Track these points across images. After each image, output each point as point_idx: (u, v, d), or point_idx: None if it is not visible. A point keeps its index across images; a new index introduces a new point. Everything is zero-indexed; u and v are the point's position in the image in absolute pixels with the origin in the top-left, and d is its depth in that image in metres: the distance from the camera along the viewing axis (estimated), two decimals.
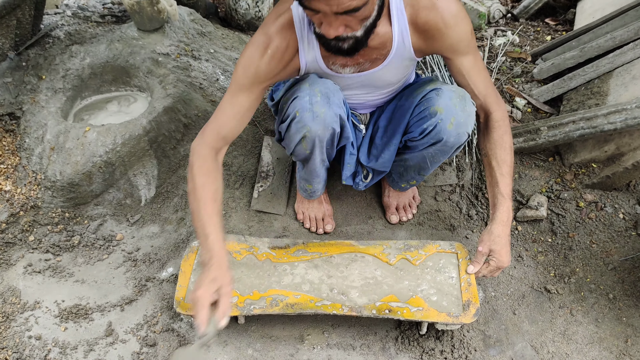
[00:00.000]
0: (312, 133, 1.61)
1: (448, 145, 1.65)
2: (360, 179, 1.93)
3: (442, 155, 1.72)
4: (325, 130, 1.61)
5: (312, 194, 2.02)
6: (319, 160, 1.77)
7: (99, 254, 2.01)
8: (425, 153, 1.73)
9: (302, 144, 1.67)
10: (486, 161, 1.71)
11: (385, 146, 1.79)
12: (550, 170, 2.15)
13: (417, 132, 1.66)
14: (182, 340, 1.78)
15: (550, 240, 2.02)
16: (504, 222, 1.64)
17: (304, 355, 1.76)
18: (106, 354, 1.75)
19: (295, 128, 1.62)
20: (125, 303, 1.87)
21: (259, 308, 1.69)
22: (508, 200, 1.66)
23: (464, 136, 1.63)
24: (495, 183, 1.67)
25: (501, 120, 1.67)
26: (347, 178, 1.91)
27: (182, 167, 2.19)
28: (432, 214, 2.12)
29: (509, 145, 1.67)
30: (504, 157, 1.66)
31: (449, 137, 1.61)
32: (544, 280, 1.94)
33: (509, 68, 2.57)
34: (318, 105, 1.58)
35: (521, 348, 1.78)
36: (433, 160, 1.76)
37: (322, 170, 1.87)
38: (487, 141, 1.69)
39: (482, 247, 1.67)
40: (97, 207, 2.10)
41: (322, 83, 1.59)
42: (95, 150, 2.00)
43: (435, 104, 1.59)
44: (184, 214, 2.12)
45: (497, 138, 1.66)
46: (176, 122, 2.16)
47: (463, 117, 1.58)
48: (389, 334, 1.81)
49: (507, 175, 1.66)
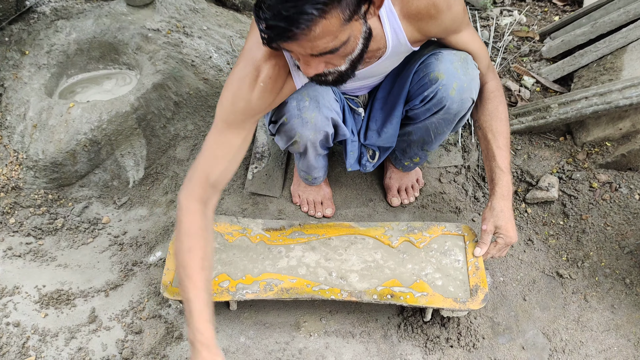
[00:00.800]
0: (303, 138, 1.54)
1: (451, 113, 1.54)
2: (367, 160, 1.82)
3: (447, 125, 1.60)
4: (317, 134, 1.54)
5: (314, 181, 1.92)
6: (313, 156, 1.69)
7: (84, 238, 1.89)
8: (428, 123, 1.62)
9: (294, 146, 1.60)
10: (481, 134, 1.63)
11: (387, 119, 1.68)
12: (561, 150, 2.03)
13: (417, 100, 1.55)
14: (169, 327, 1.67)
15: (562, 223, 1.90)
16: (504, 196, 1.57)
17: (300, 343, 1.65)
18: (89, 342, 1.63)
19: (285, 133, 1.54)
20: (110, 288, 1.76)
21: (251, 293, 1.58)
22: (507, 173, 1.58)
23: (468, 102, 1.51)
24: (492, 156, 1.58)
25: (496, 90, 1.60)
26: (353, 165, 1.80)
27: (173, 147, 2.08)
28: (437, 197, 2.01)
29: (505, 117, 1.59)
30: (499, 128, 1.58)
31: (452, 104, 1.50)
32: (556, 264, 1.82)
33: (515, 47, 2.45)
34: (307, 111, 1.48)
35: (532, 335, 1.67)
36: (437, 132, 1.65)
37: (319, 161, 1.78)
38: (482, 113, 1.61)
39: (486, 225, 1.59)
40: (82, 188, 1.98)
41: (309, 86, 1.47)
42: (80, 128, 1.89)
43: (435, 69, 1.48)
44: (173, 196, 2.01)
45: (492, 109, 1.58)
46: (166, 99, 2.04)
47: (466, 81, 1.47)
48: (390, 320, 1.70)
49: (504, 148, 1.58)
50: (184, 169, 2.05)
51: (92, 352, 1.61)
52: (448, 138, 2.10)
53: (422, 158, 1.83)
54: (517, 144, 2.09)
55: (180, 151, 2.08)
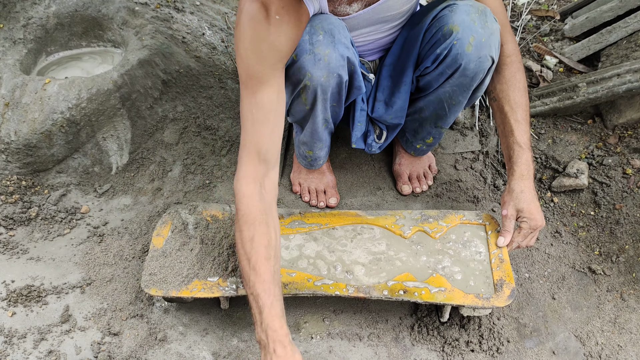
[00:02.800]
0: (313, 81, 1.30)
1: (468, 75, 1.34)
2: (373, 140, 1.62)
3: (462, 92, 1.41)
4: (330, 77, 1.31)
5: (313, 163, 1.71)
6: (321, 119, 1.46)
7: (60, 229, 1.70)
8: (441, 93, 1.43)
9: (302, 97, 1.37)
10: (496, 106, 1.45)
11: (396, 87, 1.48)
12: (590, 134, 1.84)
13: (429, 61, 1.37)
14: (152, 328, 1.47)
15: (593, 214, 1.70)
16: (524, 176, 1.39)
17: (301, 346, 1.45)
18: (60, 344, 1.44)
19: (293, 76, 1.32)
20: (87, 284, 1.56)
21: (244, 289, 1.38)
22: (527, 150, 1.40)
23: (487, 61, 1.32)
24: (509, 132, 1.41)
25: (513, 55, 1.42)
26: (358, 140, 1.60)
27: (160, 130, 1.88)
28: (452, 185, 1.81)
29: (524, 86, 1.42)
30: (518, 99, 1.40)
31: (468, 62, 1.31)
32: (587, 259, 1.62)
33: (534, 27, 2.26)
34: (320, 46, 1.27)
35: (563, 339, 1.47)
36: (452, 103, 1.46)
37: (325, 133, 1.57)
38: (497, 81, 1.43)
39: (507, 210, 1.41)
40: (59, 174, 1.79)
41: (324, 18, 1.29)
42: (56, 106, 1.70)
43: (449, 21, 1.29)
44: (161, 183, 1.81)
45: (510, 76, 1.41)
46: (153, 77, 1.85)
47: (484, 35, 1.28)
48: (402, 321, 1.50)
49: (523, 122, 1.40)
50: (173, 153, 1.86)
51: (63, 356, 1.42)
52: (464, 121, 1.91)
53: (435, 138, 1.64)
54: (540, 127, 1.89)
55: (168, 134, 1.89)
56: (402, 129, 1.69)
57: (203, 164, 1.85)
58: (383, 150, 1.87)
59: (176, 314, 1.51)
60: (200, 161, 1.85)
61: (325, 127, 1.51)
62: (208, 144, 1.88)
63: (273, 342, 1.12)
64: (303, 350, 1.44)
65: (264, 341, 1.14)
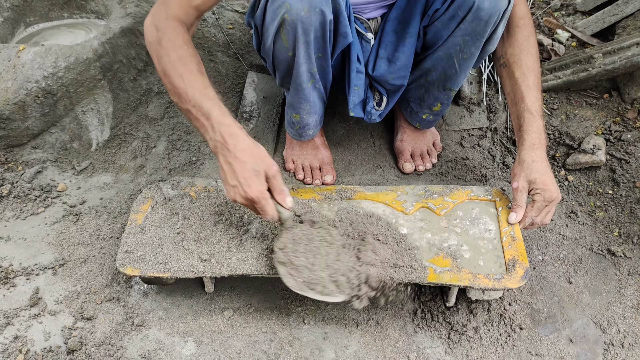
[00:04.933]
0: (292, 14, 1.16)
1: (482, 18, 1.22)
2: (373, 107, 1.49)
3: (475, 42, 1.28)
4: (312, 12, 1.16)
5: (302, 132, 1.56)
6: (305, 69, 1.31)
7: (34, 207, 1.57)
8: (451, 45, 1.30)
9: (282, 38, 1.22)
10: (506, 72, 1.34)
11: (400, 40, 1.36)
12: (607, 109, 1.71)
13: (439, 2, 1.24)
14: (129, 312, 1.34)
15: (612, 192, 1.57)
16: (536, 145, 1.27)
17: (292, 332, 1.32)
18: (28, 329, 1.30)
19: (271, 11, 1.19)
20: (59, 265, 1.43)
21: (230, 268, 1.25)
22: (538, 118, 1.28)
23: (503, 1, 1.20)
24: (520, 98, 1.29)
25: (526, 17, 1.31)
26: (355, 107, 1.47)
27: (144, 103, 1.75)
28: (458, 162, 1.68)
29: (536, 51, 1.32)
30: (530, 64, 1.30)
31: (482, 2, 1.19)
32: (606, 240, 1.49)
33: (544, 2, 2.14)
34: None
35: (582, 326, 1.33)
36: (462, 57, 1.33)
37: (312, 93, 1.41)
38: (509, 44, 1.32)
39: (517, 182, 1.27)
40: (35, 150, 1.66)
41: None
42: (31, 75, 1.57)
43: None
44: (144, 160, 1.68)
45: (522, 40, 1.31)
46: (137, 47, 1.73)
47: None
48: (404, 306, 1.37)
49: (534, 88, 1.29)
50: (157, 129, 1.73)
51: (30, 342, 1.28)
52: (471, 97, 1.78)
53: (444, 104, 1.51)
54: (552, 102, 1.76)
55: (153, 109, 1.76)
56: (406, 99, 1.56)
57: (190, 140, 1.72)
58: (383, 127, 1.75)
59: (156, 298, 1.38)
60: (186, 137, 1.73)
61: (311, 84, 1.37)
62: None
63: (231, 137, 1.08)
64: (295, 337, 1.31)
65: (221, 141, 1.08)
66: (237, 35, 1.93)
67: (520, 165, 1.28)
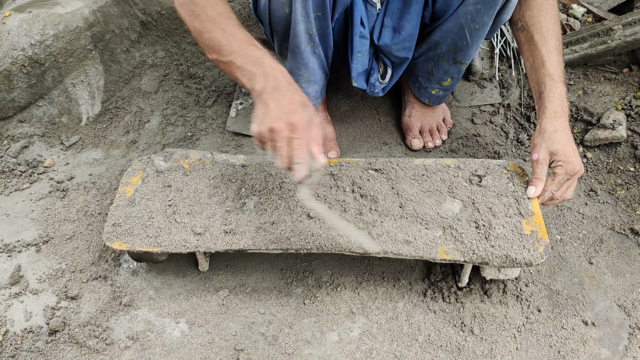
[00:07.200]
0: None
1: None
2: (377, 79, 1.40)
3: (487, 10, 1.20)
4: None
5: None
6: (302, 29, 1.21)
7: (18, 183, 1.48)
8: (462, 15, 1.22)
9: None
10: (524, 37, 1.25)
11: (406, 9, 1.26)
12: (626, 83, 1.61)
13: None
14: (116, 291, 1.25)
15: (633, 170, 1.47)
16: (558, 113, 1.17)
17: (293, 314, 1.22)
18: (8, 309, 1.21)
19: None
20: (43, 242, 1.34)
21: (225, 243, 1.16)
22: (560, 84, 1.19)
23: None
24: (540, 64, 1.20)
25: None
26: (358, 77, 1.38)
27: (137, 76, 1.66)
28: (469, 139, 1.59)
29: (557, 12, 1.23)
30: (551, 26, 1.21)
31: None
32: (628, 220, 1.39)
33: None
34: None
35: (604, 308, 1.24)
36: (474, 28, 1.24)
37: (311, 58, 1.31)
38: (527, 6, 1.23)
39: (538, 154, 1.17)
40: (21, 124, 1.57)
41: None
42: (17, 42, 1.48)
43: None
44: (136, 135, 1.59)
45: (541, 1, 1.22)
46: (131, 17, 1.64)
47: None
48: (413, 287, 1.27)
49: (555, 51, 1.20)
50: (151, 103, 1.64)
51: (10, 322, 1.19)
52: (482, 72, 1.69)
53: (454, 78, 1.42)
54: (569, 78, 1.67)
55: (146, 82, 1.67)
56: (414, 74, 1.47)
57: (185, 115, 1.63)
58: (390, 103, 1.66)
59: (146, 277, 1.29)
60: (182, 112, 1.64)
61: (311, 48, 1.27)
62: (192, 93, 1.66)
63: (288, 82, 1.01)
64: (295, 318, 1.21)
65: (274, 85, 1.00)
66: (237, 9, 1.85)
67: (541, 135, 1.18)
